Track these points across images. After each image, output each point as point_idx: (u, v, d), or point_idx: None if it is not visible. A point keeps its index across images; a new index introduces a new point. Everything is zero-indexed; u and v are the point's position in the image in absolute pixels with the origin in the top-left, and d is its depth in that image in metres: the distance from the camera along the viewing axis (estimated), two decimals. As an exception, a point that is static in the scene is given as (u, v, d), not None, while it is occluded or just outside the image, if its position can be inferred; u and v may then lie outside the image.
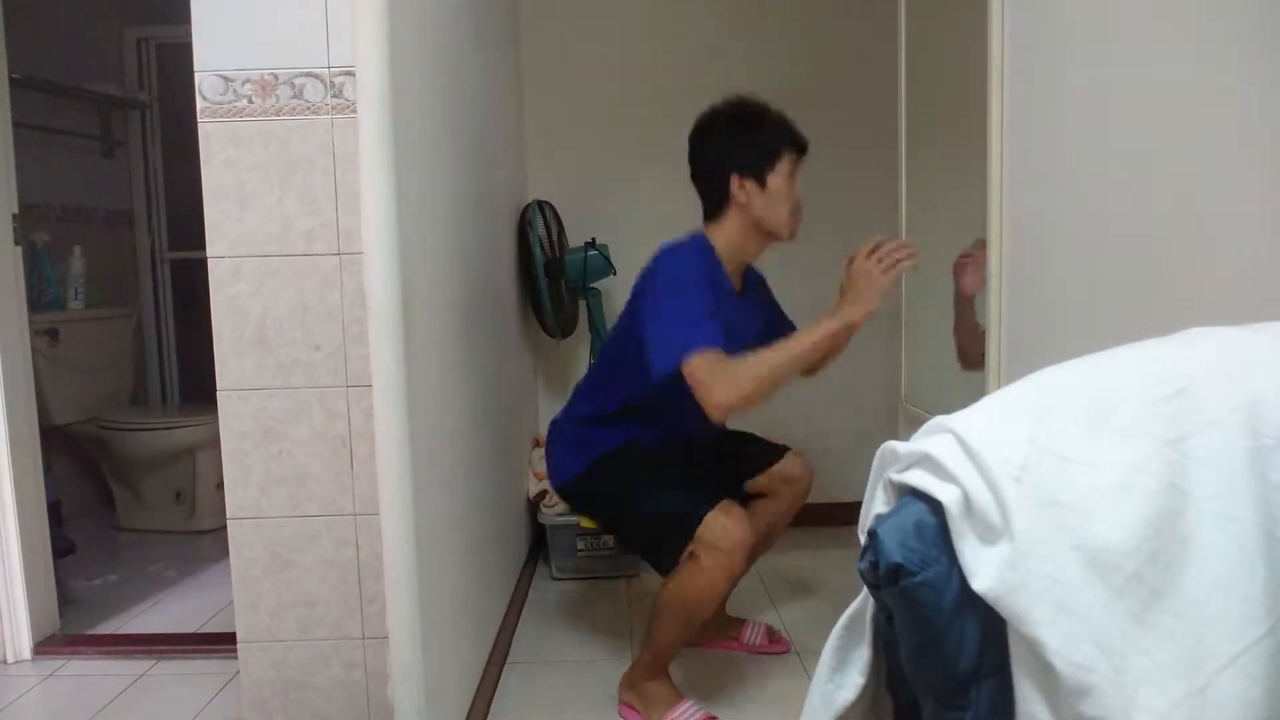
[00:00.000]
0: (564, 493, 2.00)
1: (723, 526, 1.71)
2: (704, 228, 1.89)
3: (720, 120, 1.86)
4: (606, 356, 2.01)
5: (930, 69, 1.88)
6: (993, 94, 1.47)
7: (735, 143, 1.82)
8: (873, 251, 1.67)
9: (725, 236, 1.85)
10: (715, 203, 1.86)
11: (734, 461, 2.07)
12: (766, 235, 1.86)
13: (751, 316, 1.95)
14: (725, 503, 1.74)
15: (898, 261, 1.66)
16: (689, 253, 1.79)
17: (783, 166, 1.81)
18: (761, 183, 1.80)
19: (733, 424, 1.92)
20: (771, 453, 2.08)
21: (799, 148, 1.85)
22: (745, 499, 1.97)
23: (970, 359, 1.75)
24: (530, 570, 2.73)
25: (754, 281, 2.00)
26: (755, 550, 1.92)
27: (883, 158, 2.12)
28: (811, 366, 1.88)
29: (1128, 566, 0.69)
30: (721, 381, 1.61)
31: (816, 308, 1.89)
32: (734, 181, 1.81)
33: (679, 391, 1.66)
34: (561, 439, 1.99)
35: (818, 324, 1.68)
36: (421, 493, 1.49)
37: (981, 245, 1.53)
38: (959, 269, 1.69)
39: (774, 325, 2.03)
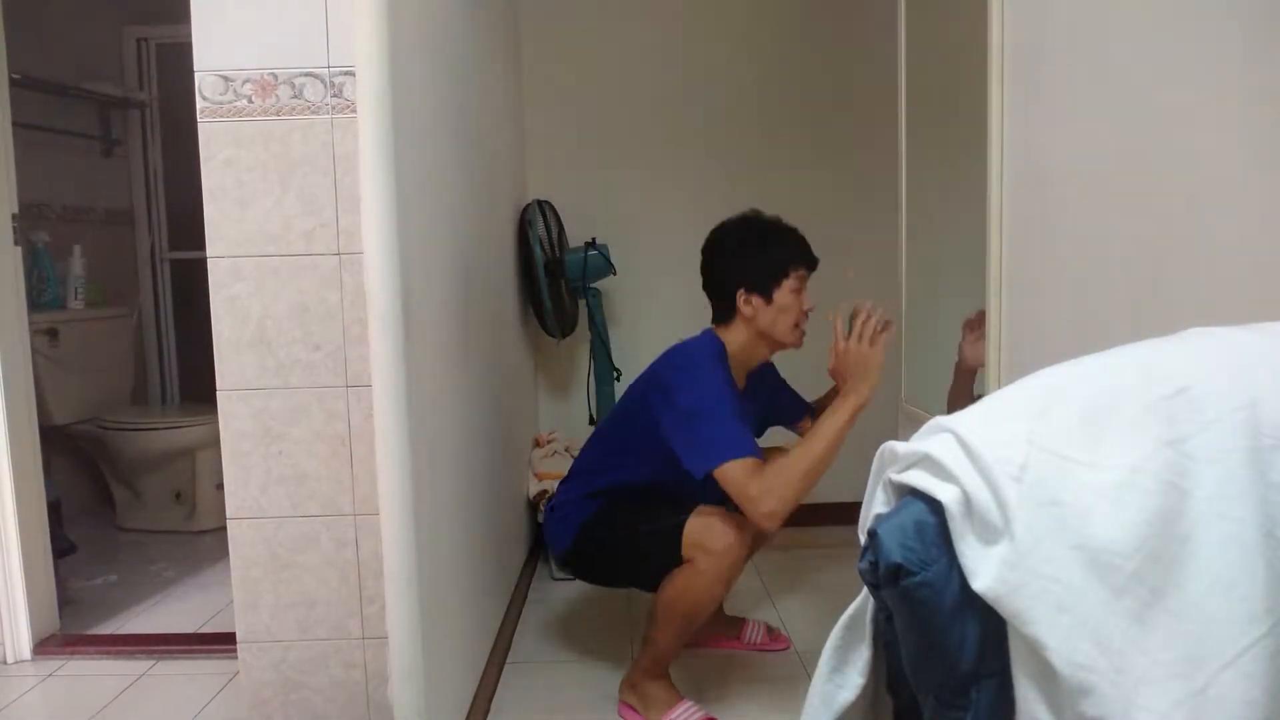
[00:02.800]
0: (564, 562, 2.01)
1: (706, 526, 1.73)
2: (714, 328, 1.93)
3: (730, 236, 1.89)
4: (606, 438, 2.02)
5: (930, 70, 1.88)
6: (992, 94, 1.47)
7: (743, 259, 1.86)
8: (850, 331, 1.75)
9: (734, 342, 1.89)
10: (723, 311, 1.90)
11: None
12: (773, 344, 1.91)
13: (749, 415, 1.97)
14: (702, 507, 1.77)
15: (877, 332, 1.74)
16: (707, 355, 1.83)
17: (790, 282, 1.85)
18: (768, 298, 1.84)
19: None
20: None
21: (808, 264, 1.89)
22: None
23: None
24: (530, 570, 2.73)
25: (758, 373, 2.02)
26: (750, 547, 1.92)
27: (882, 158, 2.12)
28: None
29: (1128, 566, 0.69)
30: (766, 493, 1.64)
31: (821, 305, 1.90)
32: (740, 296, 1.85)
33: (693, 483, 1.71)
34: (557, 516, 1.99)
35: (836, 412, 1.71)
36: (421, 493, 1.49)
37: (983, 316, 1.54)
38: (964, 338, 1.71)
39: (777, 412, 2.10)
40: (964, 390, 1.71)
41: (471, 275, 2.00)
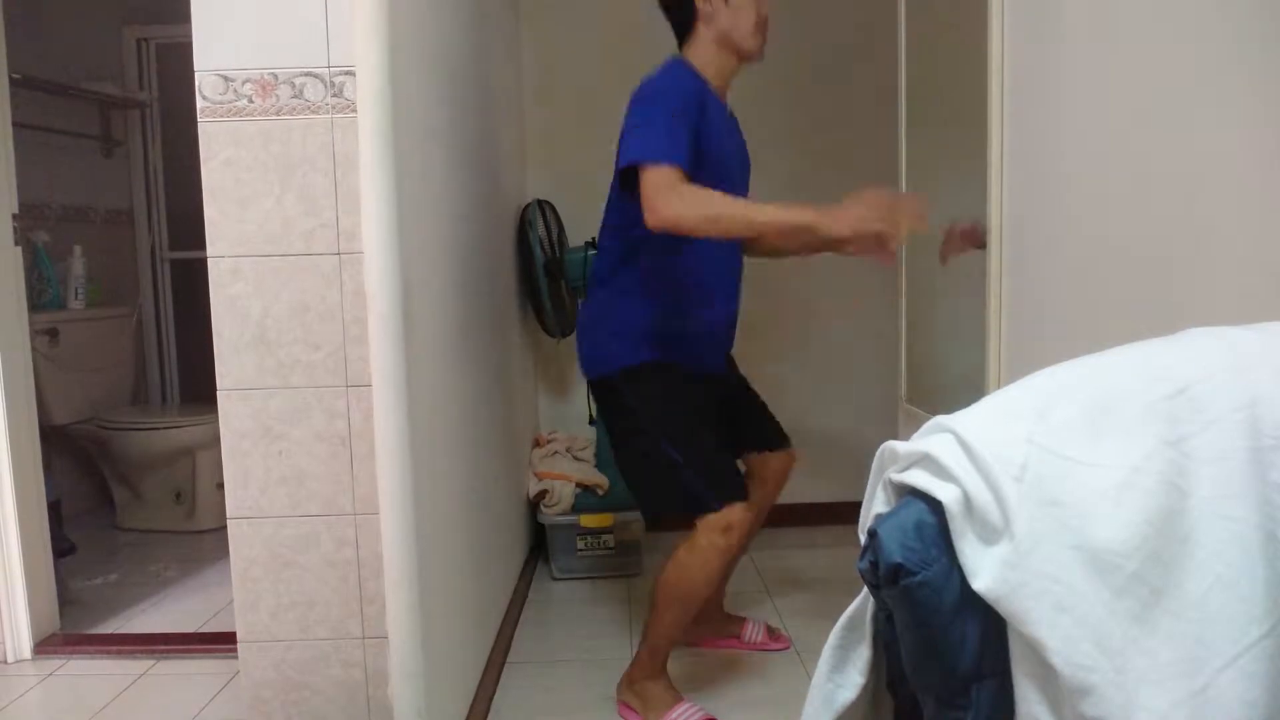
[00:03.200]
0: (597, 386, 1.90)
1: (734, 514, 1.74)
2: (677, 52, 1.86)
3: None
4: (611, 219, 1.92)
5: (930, 67, 1.88)
6: (992, 93, 1.47)
7: None
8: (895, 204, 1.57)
9: (698, 57, 1.82)
10: (683, 21, 1.84)
11: (743, 425, 2.05)
12: (736, 53, 1.83)
13: (739, 141, 1.93)
14: (741, 505, 1.76)
15: (898, 224, 1.54)
16: (668, 70, 1.77)
17: None
18: None
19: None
20: (776, 439, 2.09)
21: None
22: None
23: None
24: (530, 570, 2.73)
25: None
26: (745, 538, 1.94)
27: (883, 157, 2.12)
28: (760, 247, 1.90)
29: (1128, 566, 0.69)
30: (675, 198, 1.57)
31: (820, 308, 1.90)
32: None
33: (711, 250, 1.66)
34: (596, 322, 1.90)
35: (796, 206, 1.60)
36: (421, 493, 1.49)
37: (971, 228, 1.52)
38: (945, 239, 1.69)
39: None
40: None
41: (471, 275, 2.00)
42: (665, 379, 1.83)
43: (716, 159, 1.74)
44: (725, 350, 2.01)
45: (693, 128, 1.67)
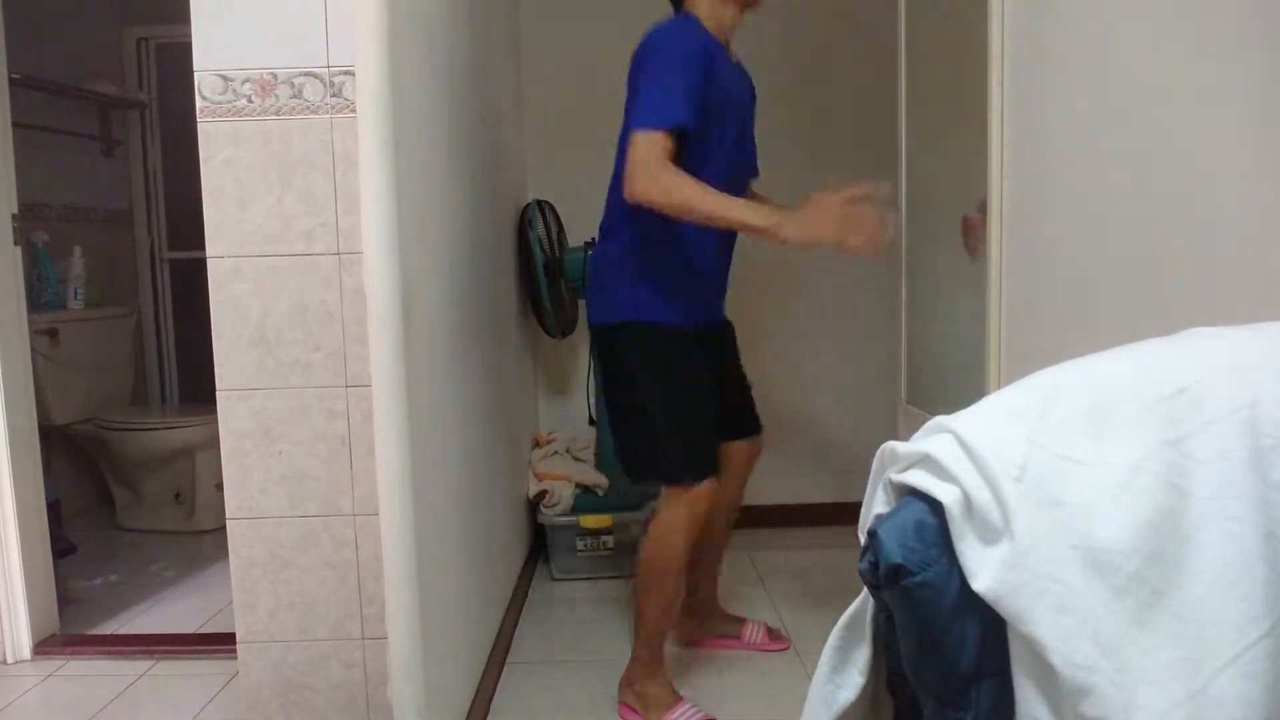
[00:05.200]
0: (602, 332, 1.89)
1: (706, 491, 1.78)
2: (679, 7, 1.87)
3: None
4: (619, 158, 1.88)
5: (930, 69, 1.88)
6: (992, 93, 1.47)
7: None
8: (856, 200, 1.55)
9: (700, 9, 1.82)
10: None
11: (725, 406, 2.01)
12: (735, 2, 1.83)
13: (745, 89, 1.94)
14: (718, 479, 1.81)
15: (858, 233, 1.52)
16: (675, 26, 1.77)
17: None
18: None
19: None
20: (752, 426, 2.10)
21: None
22: None
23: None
24: (530, 570, 2.73)
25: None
26: (722, 515, 2.03)
27: (883, 157, 2.12)
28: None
29: (1128, 566, 0.69)
30: (651, 176, 1.60)
31: (820, 308, 1.90)
32: None
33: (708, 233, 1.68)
34: (605, 272, 1.89)
35: (757, 208, 1.63)
36: (421, 493, 1.49)
37: (982, 208, 1.51)
38: (965, 233, 1.68)
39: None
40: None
41: (471, 275, 2.00)
42: (673, 351, 1.83)
43: (720, 111, 1.76)
44: (721, 305, 2.03)
45: (696, 84, 1.67)
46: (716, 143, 1.77)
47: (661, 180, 1.60)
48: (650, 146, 1.61)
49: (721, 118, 1.76)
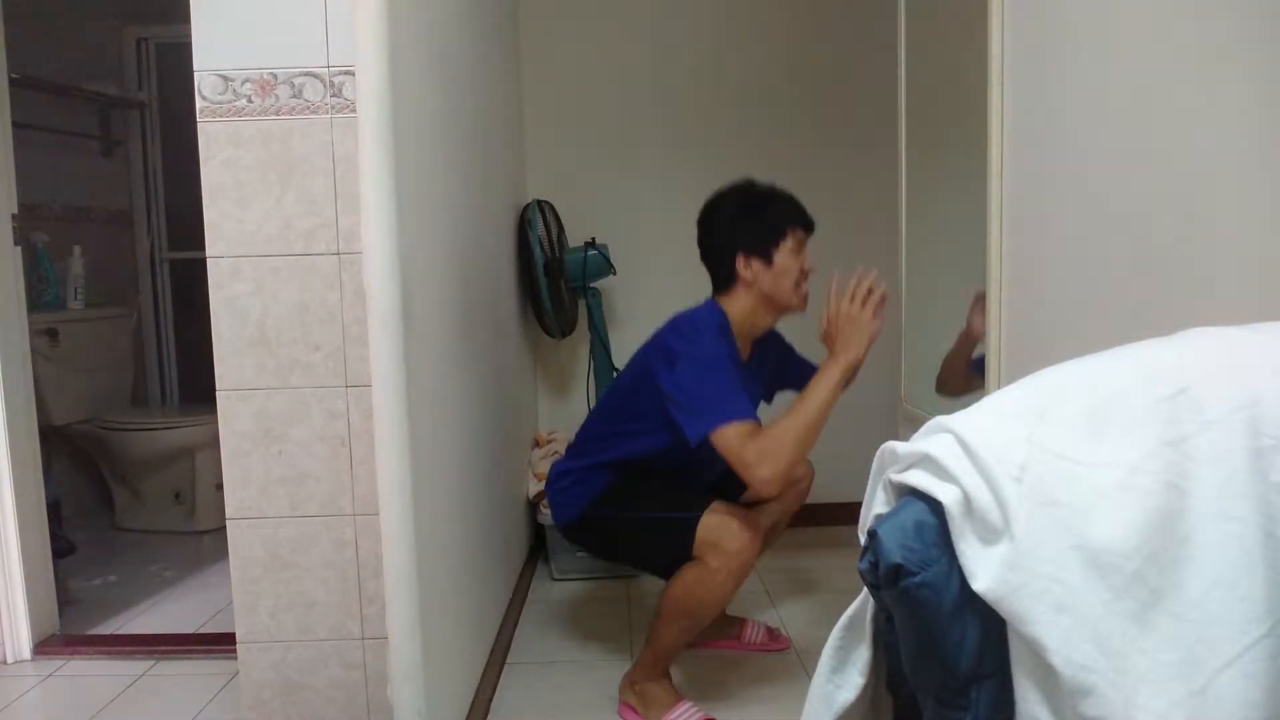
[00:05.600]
0: (567, 533, 2.00)
1: (720, 525, 1.73)
2: (714, 298, 1.92)
3: (727, 203, 1.90)
4: (608, 410, 2.00)
5: (930, 69, 1.88)
6: (993, 94, 1.47)
7: (741, 223, 1.86)
8: (851, 294, 1.74)
9: (736, 310, 1.88)
10: (723, 279, 1.90)
11: None
12: (776, 308, 1.89)
13: (755, 385, 1.98)
14: (716, 504, 1.77)
15: (870, 294, 1.73)
16: (709, 323, 1.83)
17: (788, 243, 1.85)
18: (768, 261, 1.84)
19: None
20: None
21: (805, 225, 1.89)
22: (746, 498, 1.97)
23: (949, 389, 1.78)
24: (530, 570, 2.73)
25: (762, 342, 2.00)
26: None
27: (883, 157, 2.12)
28: None
29: (1128, 567, 0.69)
30: (761, 457, 1.63)
31: (819, 308, 1.90)
32: (740, 261, 1.84)
33: (700, 453, 1.70)
34: (562, 485, 1.98)
35: (826, 373, 1.72)
36: (421, 493, 1.49)
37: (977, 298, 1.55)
38: (975, 310, 1.70)
39: (785, 379, 2.07)
40: (961, 358, 1.70)
41: (471, 275, 2.00)
42: (621, 483, 1.91)
43: None
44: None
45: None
46: None
47: (772, 452, 1.63)
48: (741, 435, 1.65)
49: None
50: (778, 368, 2.08)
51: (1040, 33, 1.36)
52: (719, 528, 1.73)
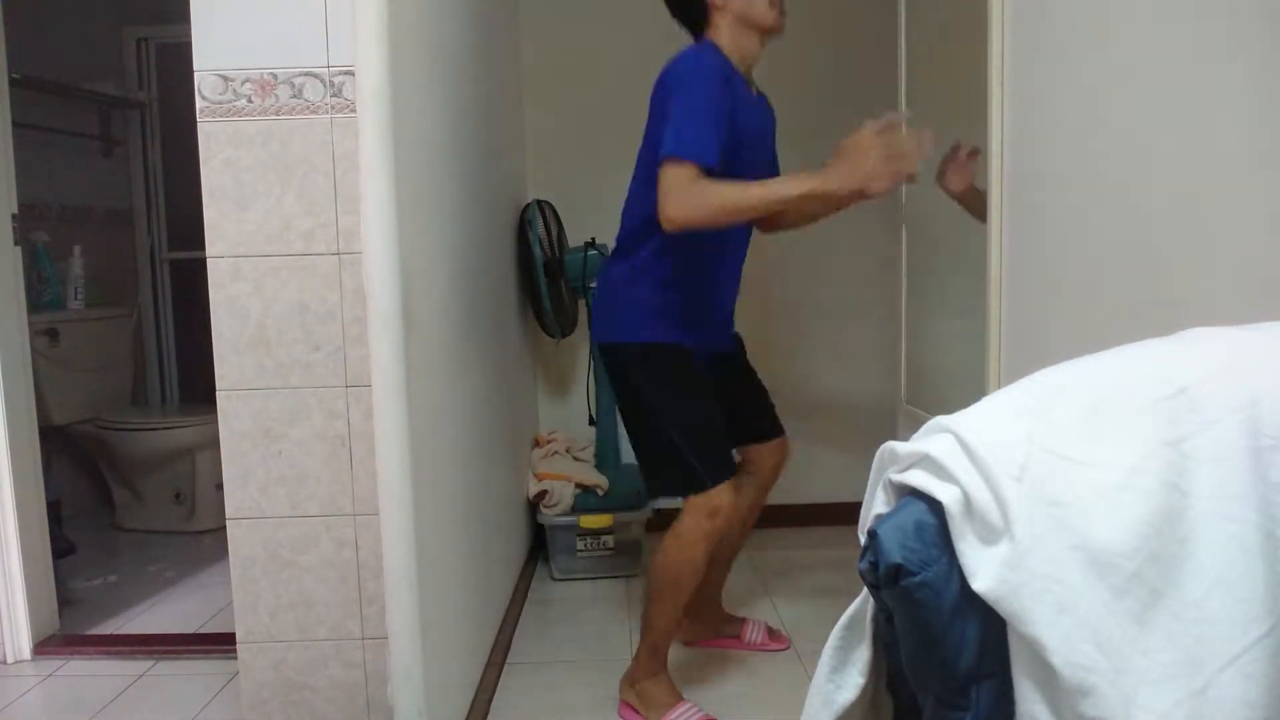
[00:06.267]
0: (606, 350, 1.90)
1: (722, 497, 1.76)
2: (698, 39, 1.86)
3: None
4: (637, 196, 1.91)
5: (930, 69, 1.88)
6: (992, 93, 1.47)
7: None
8: (887, 137, 1.56)
9: (723, 42, 1.81)
10: (695, 15, 1.84)
11: (740, 415, 2.03)
12: (757, 30, 1.82)
13: (766, 121, 1.93)
14: (734, 480, 1.79)
15: (901, 159, 1.55)
16: (699, 53, 1.77)
17: None
18: None
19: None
20: (774, 429, 2.09)
21: None
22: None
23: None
24: (530, 570, 2.73)
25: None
26: (741, 530, 2.00)
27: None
28: (780, 220, 1.90)
29: (1128, 567, 0.69)
30: (684, 197, 1.60)
31: (819, 308, 1.90)
32: None
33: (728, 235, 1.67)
34: (614, 289, 1.89)
35: (793, 176, 1.64)
36: (421, 493, 1.49)
37: (956, 145, 1.55)
38: (941, 176, 1.69)
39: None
40: (973, 201, 1.66)
41: (471, 275, 2.00)
42: (675, 363, 1.83)
43: (738, 141, 1.75)
44: (729, 329, 2.03)
45: (724, 113, 1.68)
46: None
47: (693, 198, 1.60)
48: (679, 174, 1.61)
49: (740, 158, 1.75)
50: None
51: (1040, 33, 1.36)
52: (718, 498, 1.75)
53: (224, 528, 1.55)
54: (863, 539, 0.82)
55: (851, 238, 2.79)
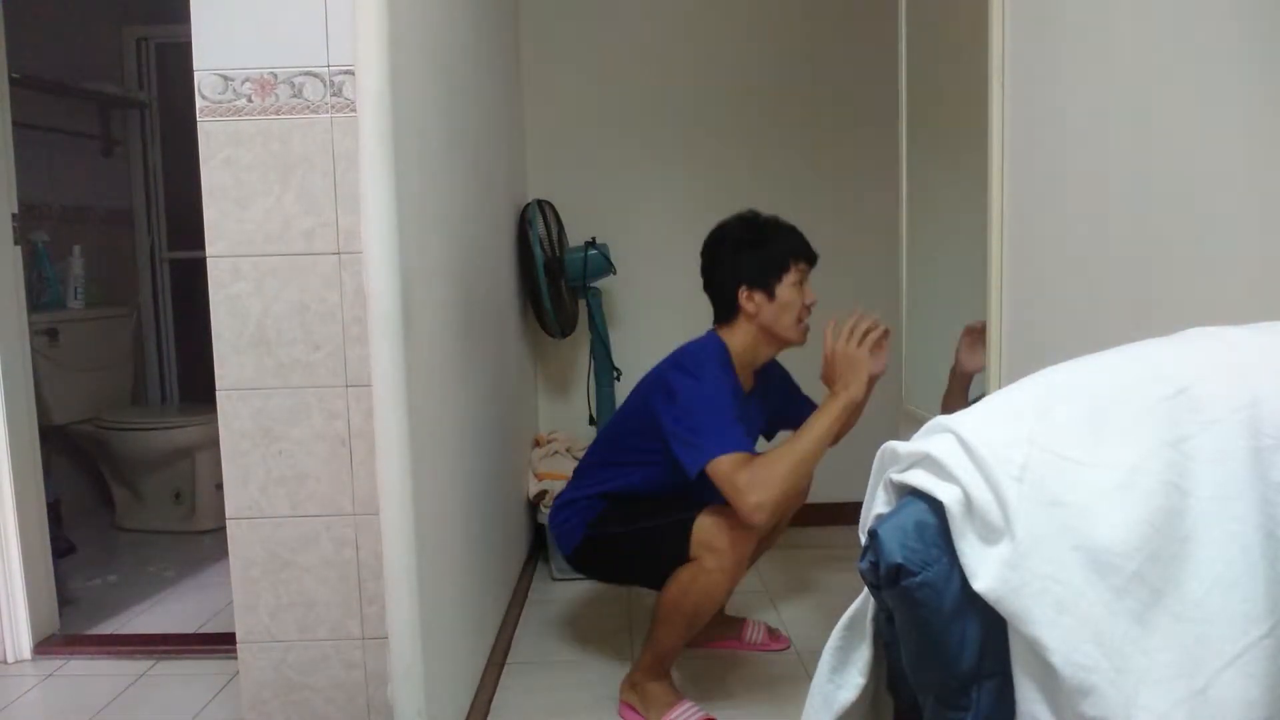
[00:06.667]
0: (573, 561, 2.00)
1: (713, 524, 1.74)
2: (716, 329, 1.93)
3: (729, 234, 1.91)
4: (612, 440, 2.01)
5: (930, 70, 1.88)
6: (993, 94, 1.47)
7: (744, 256, 1.86)
8: (849, 333, 1.76)
9: (738, 341, 1.89)
10: (726, 311, 1.91)
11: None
12: (777, 341, 1.90)
13: (758, 415, 1.99)
14: (711, 506, 1.77)
15: (868, 333, 1.75)
16: (710, 355, 1.84)
17: (791, 276, 1.86)
18: (770, 294, 1.85)
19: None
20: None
21: (808, 258, 1.90)
22: None
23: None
24: (530, 570, 2.73)
25: (766, 374, 2.01)
26: (757, 548, 1.94)
27: (883, 157, 2.12)
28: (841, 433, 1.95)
29: (1128, 567, 0.69)
30: (751, 485, 1.64)
31: (821, 305, 1.90)
32: (742, 293, 1.86)
33: (700, 483, 1.71)
34: (563, 516, 1.99)
35: (824, 410, 1.74)
36: (421, 493, 1.49)
37: (984, 327, 1.55)
38: (963, 344, 1.71)
39: (785, 415, 2.07)
40: (958, 395, 1.71)
41: (471, 275, 2.00)
42: (610, 514, 1.92)
43: None
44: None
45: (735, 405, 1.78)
46: None
47: (761, 482, 1.65)
48: (732, 469, 1.66)
49: None
50: (781, 398, 2.08)
51: (1040, 33, 1.36)
52: (713, 527, 1.74)
53: (224, 528, 1.54)
54: (863, 539, 0.81)
55: (852, 238, 2.79)
